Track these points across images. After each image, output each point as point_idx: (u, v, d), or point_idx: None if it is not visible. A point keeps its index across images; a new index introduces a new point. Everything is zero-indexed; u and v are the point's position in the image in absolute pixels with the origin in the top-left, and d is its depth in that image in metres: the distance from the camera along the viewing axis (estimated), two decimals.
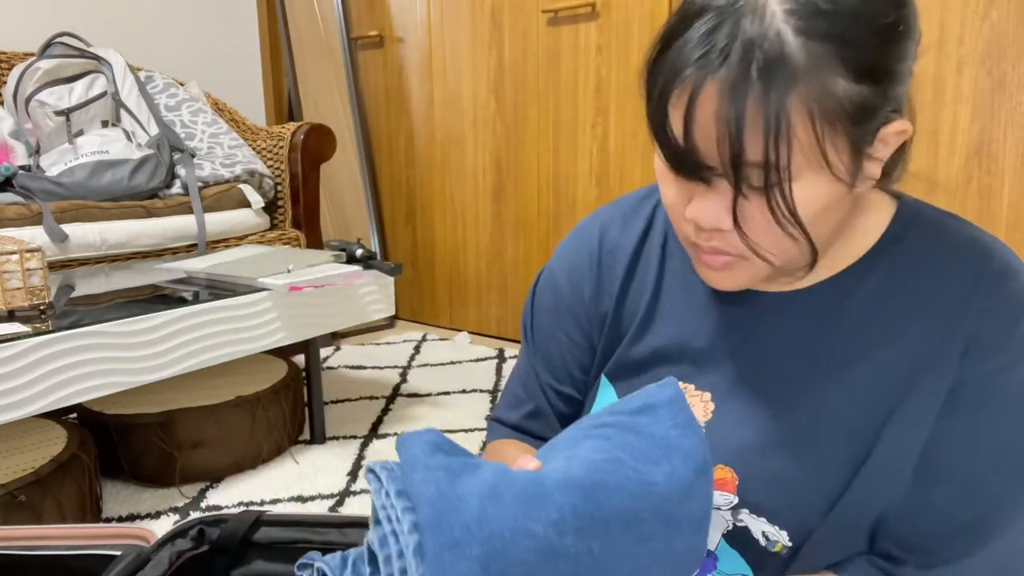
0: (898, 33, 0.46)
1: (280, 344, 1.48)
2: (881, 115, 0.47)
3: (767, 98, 0.44)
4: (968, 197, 1.66)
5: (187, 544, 0.78)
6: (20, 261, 1.24)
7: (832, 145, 0.46)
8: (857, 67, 0.44)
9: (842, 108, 0.45)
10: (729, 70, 0.45)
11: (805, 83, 0.44)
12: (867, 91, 0.45)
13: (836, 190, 0.49)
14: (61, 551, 0.77)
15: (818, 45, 0.44)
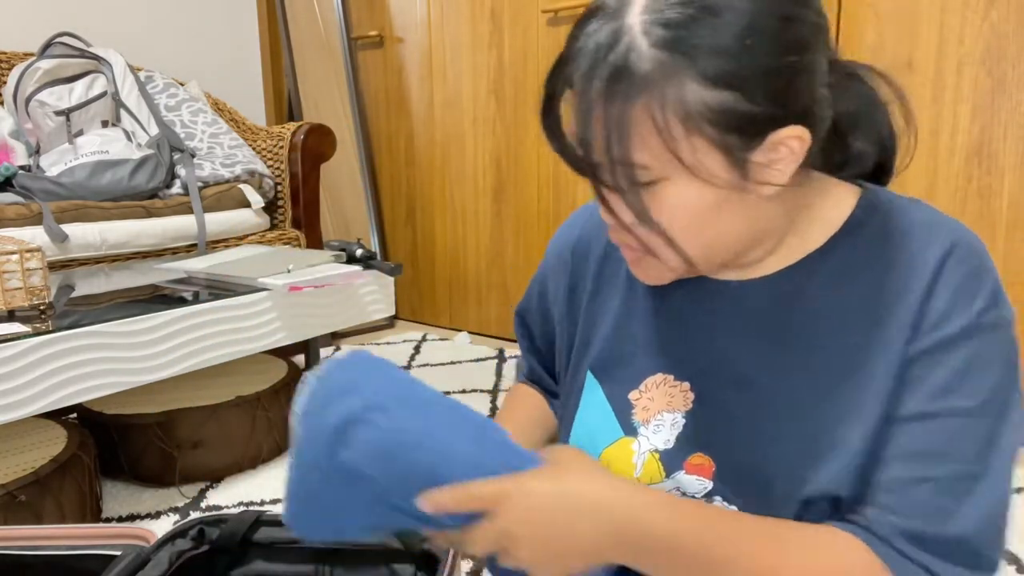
0: (765, 40, 0.47)
1: (280, 344, 1.48)
2: (760, 120, 0.49)
3: (610, 106, 0.48)
4: (968, 197, 1.66)
5: (187, 544, 0.78)
6: (20, 261, 1.24)
7: (691, 150, 0.49)
8: (712, 74, 0.47)
9: (699, 114, 0.48)
10: (582, 81, 0.49)
11: (652, 91, 0.47)
12: (727, 96, 0.47)
13: (715, 193, 0.52)
14: (61, 551, 0.77)
15: (669, 55, 0.47)
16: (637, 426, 0.65)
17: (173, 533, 0.78)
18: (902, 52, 1.69)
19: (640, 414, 0.65)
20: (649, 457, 0.63)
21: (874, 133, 0.60)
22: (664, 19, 0.47)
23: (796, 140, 0.51)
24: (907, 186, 1.72)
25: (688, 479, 0.61)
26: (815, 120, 0.52)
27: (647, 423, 0.64)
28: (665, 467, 0.62)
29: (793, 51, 0.48)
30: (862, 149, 0.60)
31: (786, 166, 0.52)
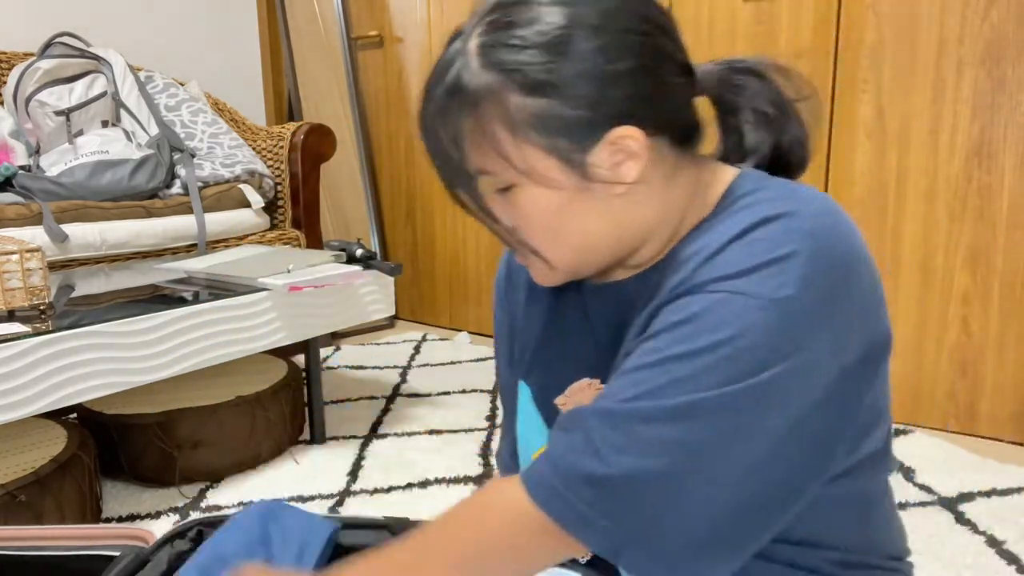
0: (576, 49, 0.51)
1: (280, 344, 1.48)
2: (585, 123, 0.52)
3: (446, 121, 0.55)
4: (968, 197, 1.66)
5: (186, 545, 0.78)
6: (20, 261, 1.24)
7: (523, 157, 0.54)
8: (529, 84, 0.52)
9: (522, 122, 0.53)
10: (426, 99, 0.56)
11: (480, 105, 0.53)
12: (544, 103, 0.52)
13: (560, 196, 0.55)
14: (60, 552, 0.77)
15: (494, 71, 0.52)
16: None
17: (172, 534, 0.78)
18: (902, 52, 1.69)
19: None
20: None
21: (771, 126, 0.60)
22: (491, 40, 0.53)
23: (630, 140, 0.53)
24: (907, 186, 1.72)
25: None
26: (652, 119, 0.54)
27: None
28: None
29: (609, 57, 0.52)
30: (757, 141, 0.61)
31: (631, 166, 0.54)
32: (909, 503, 1.37)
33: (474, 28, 0.54)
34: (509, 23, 0.52)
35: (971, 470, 1.50)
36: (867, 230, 1.80)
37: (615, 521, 0.50)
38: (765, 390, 0.49)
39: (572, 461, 0.51)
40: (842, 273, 0.51)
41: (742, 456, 0.49)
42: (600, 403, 0.52)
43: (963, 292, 1.69)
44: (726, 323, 0.49)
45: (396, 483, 1.50)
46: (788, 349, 0.49)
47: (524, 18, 0.52)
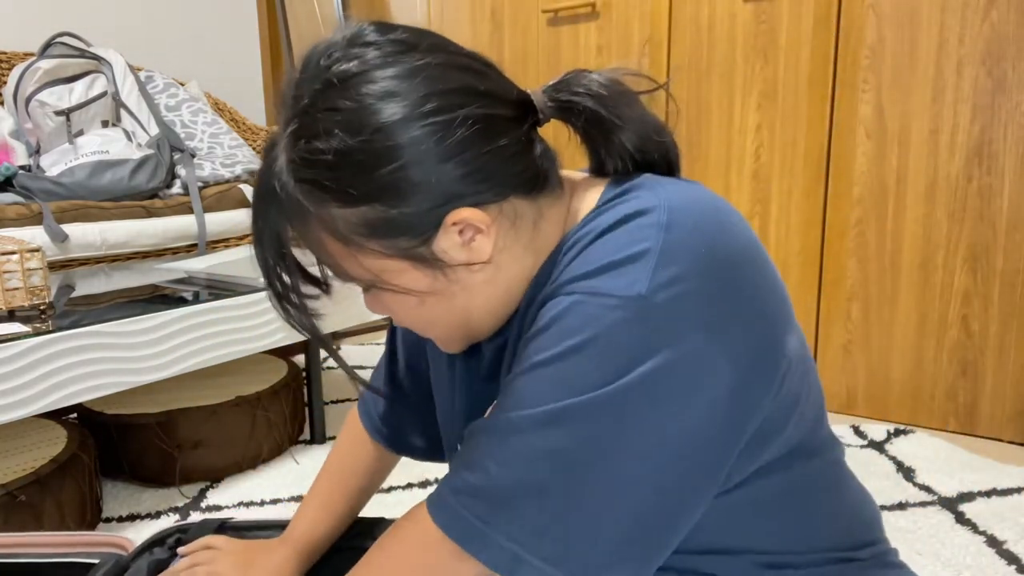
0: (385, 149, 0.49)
1: (280, 344, 1.48)
2: (415, 218, 0.50)
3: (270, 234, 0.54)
4: (968, 197, 1.66)
5: (164, 553, 0.79)
6: (20, 261, 1.24)
7: (363, 267, 0.53)
8: (345, 196, 0.50)
9: (351, 231, 0.51)
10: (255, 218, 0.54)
11: (306, 222, 0.52)
12: (366, 210, 0.50)
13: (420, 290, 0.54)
14: (39, 559, 0.77)
15: (308, 187, 0.51)
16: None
17: (151, 541, 0.78)
18: (902, 52, 1.69)
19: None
20: None
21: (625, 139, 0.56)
22: (297, 155, 0.51)
23: (469, 220, 0.51)
24: (907, 186, 1.72)
25: None
26: (490, 188, 0.51)
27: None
28: None
29: (426, 149, 0.49)
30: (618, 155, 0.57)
31: (482, 243, 0.52)
32: (909, 503, 1.37)
33: (282, 139, 0.52)
34: (312, 134, 0.50)
35: (971, 470, 1.50)
36: (867, 230, 1.80)
37: (507, 535, 0.49)
38: (638, 389, 0.46)
39: (464, 478, 0.51)
40: (708, 267, 0.48)
41: (624, 459, 0.47)
42: (488, 418, 0.53)
43: (963, 292, 1.69)
44: (586, 324, 0.47)
45: (396, 483, 1.50)
46: (655, 345, 0.46)
47: (326, 127, 0.49)
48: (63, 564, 0.76)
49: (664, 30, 2.04)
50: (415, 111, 0.49)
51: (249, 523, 0.83)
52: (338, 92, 0.49)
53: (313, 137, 0.50)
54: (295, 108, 0.51)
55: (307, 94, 0.51)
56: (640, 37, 2.09)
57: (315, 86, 0.50)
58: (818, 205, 1.86)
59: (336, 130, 0.49)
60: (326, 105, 0.49)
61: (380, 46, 0.51)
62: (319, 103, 0.50)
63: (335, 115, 0.49)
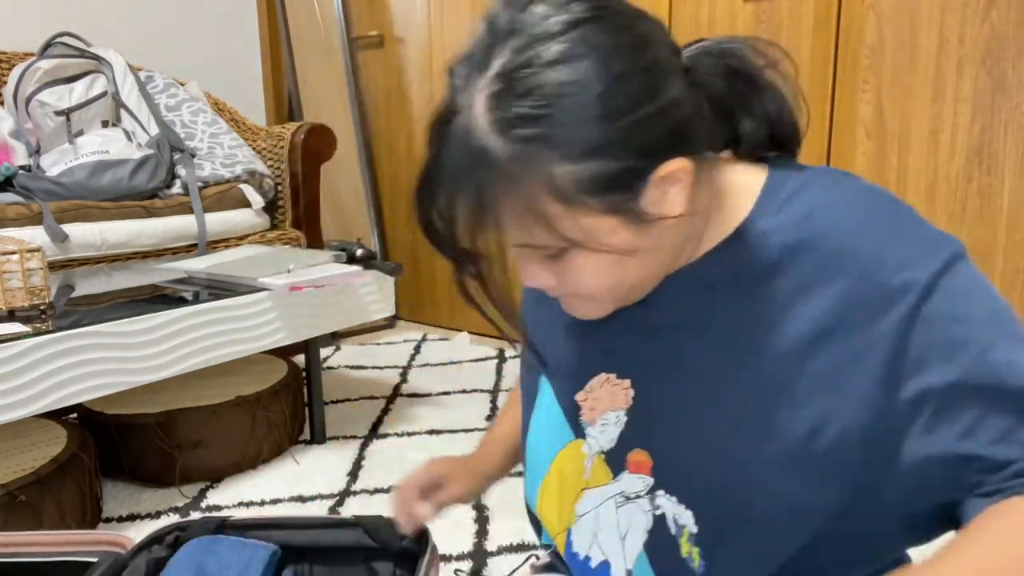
0: (611, 104, 0.48)
1: (280, 344, 1.48)
2: (634, 172, 0.50)
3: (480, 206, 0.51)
4: (968, 197, 1.66)
5: (163, 551, 0.79)
6: (20, 261, 1.24)
7: (578, 226, 0.51)
8: (573, 151, 0.48)
9: (574, 190, 0.49)
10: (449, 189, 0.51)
11: (519, 184, 0.49)
12: (594, 165, 0.49)
13: (624, 241, 0.53)
14: (38, 558, 0.77)
15: (525, 146, 0.48)
16: (585, 427, 0.66)
17: (149, 539, 0.78)
18: (902, 52, 1.69)
19: (587, 415, 0.66)
20: (596, 460, 0.64)
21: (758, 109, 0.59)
22: (508, 115, 0.48)
23: (679, 171, 0.52)
24: (907, 186, 1.72)
25: (631, 479, 0.61)
26: (690, 140, 0.53)
27: (593, 423, 0.65)
28: (611, 468, 0.63)
29: (642, 102, 0.49)
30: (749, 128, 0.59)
31: (677, 196, 0.53)
32: None
33: (477, 101, 0.50)
34: (524, 90, 0.48)
35: None
36: None
37: None
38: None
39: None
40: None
41: None
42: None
43: None
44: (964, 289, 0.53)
45: (396, 483, 1.50)
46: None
47: (540, 82, 0.48)
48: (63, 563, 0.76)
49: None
50: (636, 64, 0.49)
51: (249, 522, 0.83)
52: (552, 45, 0.48)
53: (530, 94, 0.48)
54: (492, 67, 0.49)
55: (508, 51, 0.49)
56: None
57: (518, 41, 0.49)
58: None
59: (557, 84, 0.48)
60: (540, 60, 0.48)
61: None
62: (531, 59, 0.48)
63: (553, 69, 0.48)
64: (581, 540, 0.65)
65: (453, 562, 1.21)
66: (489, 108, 0.49)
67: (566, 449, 0.67)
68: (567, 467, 0.66)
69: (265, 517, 0.82)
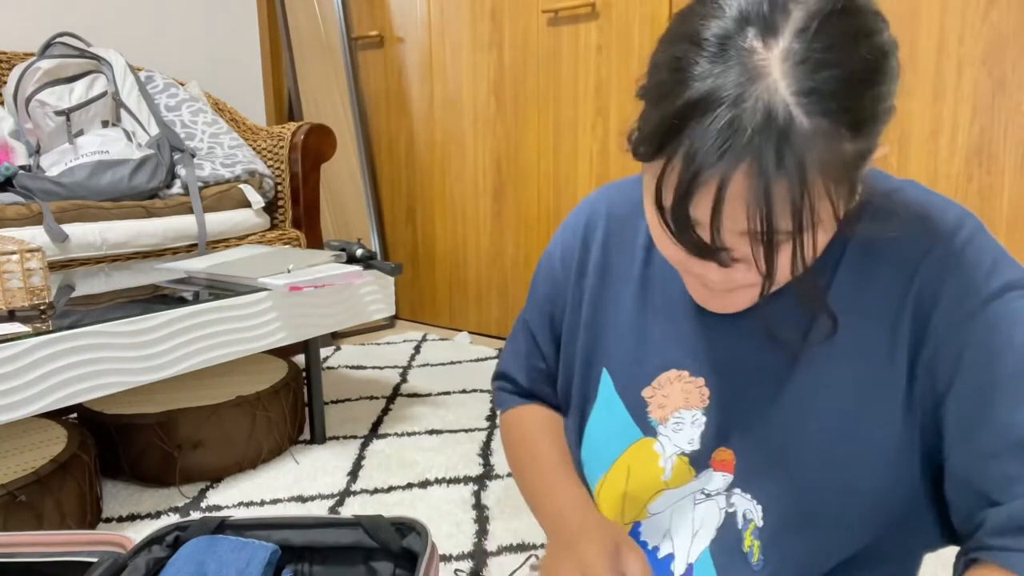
0: (882, 78, 0.48)
1: (280, 344, 1.48)
2: (870, 152, 0.49)
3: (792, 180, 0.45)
4: (968, 197, 1.66)
5: (163, 551, 0.79)
6: (20, 261, 1.24)
7: (839, 197, 0.48)
8: (855, 126, 0.46)
9: (849, 165, 0.47)
10: (753, 162, 0.45)
11: (819, 156, 0.45)
12: (863, 143, 0.47)
13: (834, 225, 0.51)
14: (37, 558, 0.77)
15: (824, 120, 0.45)
16: (655, 425, 0.64)
17: (149, 539, 0.78)
18: (902, 52, 1.69)
19: (656, 412, 0.64)
20: (678, 461, 0.63)
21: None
22: (811, 87, 0.45)
23: (885, 151, 0.52)
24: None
25: (715, 475, 0.62)
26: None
27: (665, 421, 0.64)
28: (696, 469, 0.62)
29: (892, 80, 0.50)
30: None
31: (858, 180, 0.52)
32: None
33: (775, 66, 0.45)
34: (829, 57, 0.45)
35: None
36: None
37: None
38: None
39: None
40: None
41: None
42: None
43: None
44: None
45: (396, 483, 1.50)
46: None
47: (843, 51, 0.46)
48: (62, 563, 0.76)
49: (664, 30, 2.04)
50: (891, 42, 0.49)
51: (249, 522, 0.83)
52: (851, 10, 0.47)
53: (833, 62, 0.45)
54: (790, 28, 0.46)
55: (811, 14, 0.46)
56: (640, 37, 2.09)
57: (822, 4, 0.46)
58: None
59: (856, 52, 0.46)
60: (845, 26, 0.46)
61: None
62: (834, 21, 0.46)
63: (854, 36, 0.46)
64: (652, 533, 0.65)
65: (453, 562, 1.21)
66: (794, 76, 0.45)
67: (634, 447, 0.65)
68: (636, 465, 0.65)
69: (265, 517, 0.81)
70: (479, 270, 2.64)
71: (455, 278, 2.73)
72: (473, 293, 2.68)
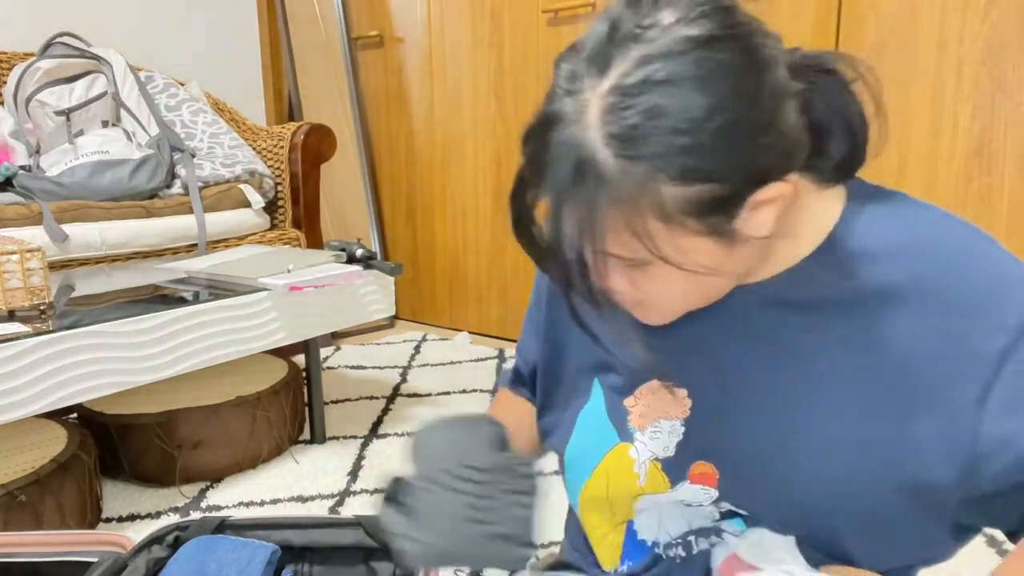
0: (727, 129, 0.47)
1: (280, 344, 1.48)
2: (738, 196, 0.49)
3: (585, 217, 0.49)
4: (968, 197, 1.66)
5: (164, 551, 0.79)
6: (20, 261, 1.24)
7: (674, 247, 0.50)
8: (682, 174, 0.47)
9: (678, 211, 0.48)
10: (554, 195, 0.50)
11: (625, 199, 0.48)
12: (703, 188, 0.47)
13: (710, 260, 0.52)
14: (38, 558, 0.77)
15: (634, 163, 0.47)
16: (633, 432, 0.65)
17: (150, 539, 0.78)
18: (902, 52, 1.69)
19: (636, 420, 0.65)
20: (651, 466, 0.63)
21: (846, 126, 0.57)
22: (622, 130, 0.47)
23: (779, 196, 0.51)
24: (907, 186, 1.72)
25: (693, 489, 0.61)
26: (793, 164, 0.51)
27: (643, 429, 0.64)
28: (669, 476, 0.62)
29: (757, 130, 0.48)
30: (836, 146, 0.57)
31: (768, 217, 0.52)
32: None
33: (591, 110, 0.48)
34: (644, 106, 0.46)
35: None
36: None
37: None
38: None
39: None
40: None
41: None
42: None
43: None
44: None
45: None
46: None
47: (662, 100, 0.46)
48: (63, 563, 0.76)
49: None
50: (756, 90, 0.47)
51: (249, 522, 0.83)
52: (679, 60, 0.46)
53: (650, 113, 0.46)
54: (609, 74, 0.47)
55: (630, 61, 0.47)
56: None
57: (644, 51, 0.47)
58: None
59: (678, 103, 0.46)
60: (665, 76, 0.46)
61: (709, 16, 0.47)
62: (655, 73, 0.46)
63: (675, 87, 0.46)
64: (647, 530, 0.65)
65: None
66: (604, 121, 0.47)
67: (613, 452, 0.66)
68: (614, 470, 0.66)
69: (265, 517, 0.81)
70: (479, 270, 2.64)
71: (455, 278, 2.73)
72: (473, 293, 2.68)
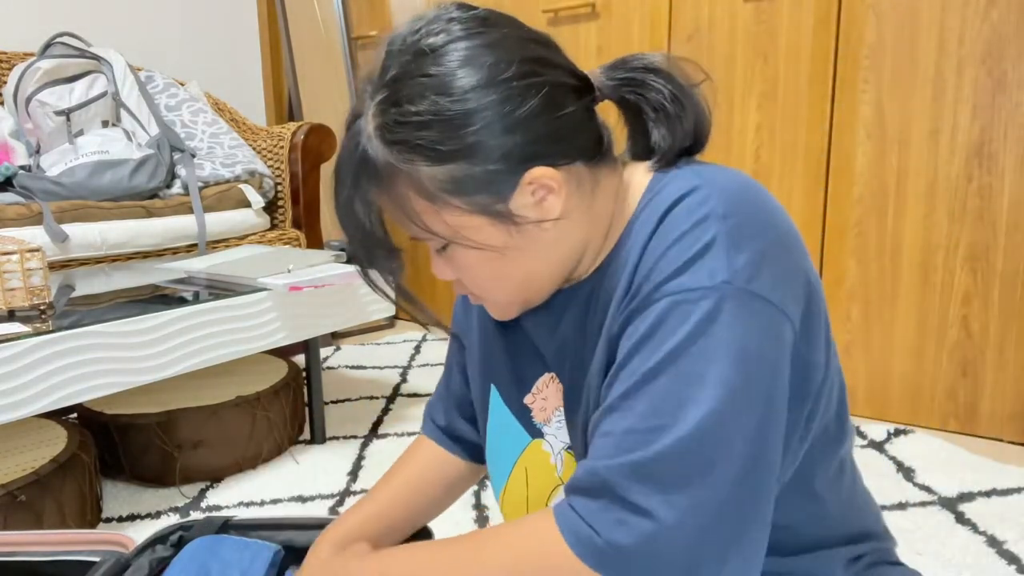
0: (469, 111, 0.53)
1: (280, 344, 1.48)
2: (497, 176, 0.54)
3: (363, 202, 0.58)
4: (968, 197, 1.66)
5: (167, 551, 0.79)
6: (20, 261, 1.24)
7: (447, 224, 0.57)
8: (435, 154, 0.54)
9: (439, 190, 0.55)
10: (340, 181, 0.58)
11: (392, 182, 0.56)
12: (453, 167, 0.54)
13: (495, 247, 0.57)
14: (41, 557, 0.77)
15: (395, 149, 0.55)
16: (540, 426, 0.69)
17: (153, 539, 0.79)
18: (902, 52, 1.69)
19: (539, 415, 0.69)
20: (566, 455, 0.68)
21: (671, 119, 0.61)
22: (388, 119, 0.54)
23: (545, 179, 0.55)
24: (907, 186, 1.72)
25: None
26: (561, 152, 0.56)
27: (548, 422, 0.69)
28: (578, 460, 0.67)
29: (506, 110, 0.53)
30: (660, 136, 0.61)
31: (552, 201, 0.56)
32: (909, 503, 1.37)
33: (369, 108, 0.56)
34: (404, 99, 0.54)
35: (971, 470, 1.50)
36: (867, 230, 1.80)
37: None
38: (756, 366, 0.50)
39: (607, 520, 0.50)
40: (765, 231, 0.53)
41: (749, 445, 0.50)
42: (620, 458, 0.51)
43: (963, 292, 1.69)
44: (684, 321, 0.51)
45: None
46: (750, 321, 0.51)
47: (414, 93, 0.54)
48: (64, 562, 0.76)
49: (664, 30, 2.04)
50: (496, 77, 0.54)
51: (252, 522, 0.83)
52: (429, 60, 0.54)
53: (405, 102, 0.54)
54: (383, 79, 0.56)
55: (396, 65, 0.55)
56: (640, 37, 2.09)
57: (405, 57, 0.55)
58: (818, 205, 1.86)
59: (426, 94, 0.53)
60: (418, 72, 0.54)
61: (463, 21, 0.56)
62: (411, 71, 0.54)
63: (425, 80, 0.54)
64: None
65: None
66: (374, 115, 0.56)
67: (527, 451, 0.70)
68: (532, 467, 0.70)
69: (268, 518, 0.82)
70: None
71: None
72: None
